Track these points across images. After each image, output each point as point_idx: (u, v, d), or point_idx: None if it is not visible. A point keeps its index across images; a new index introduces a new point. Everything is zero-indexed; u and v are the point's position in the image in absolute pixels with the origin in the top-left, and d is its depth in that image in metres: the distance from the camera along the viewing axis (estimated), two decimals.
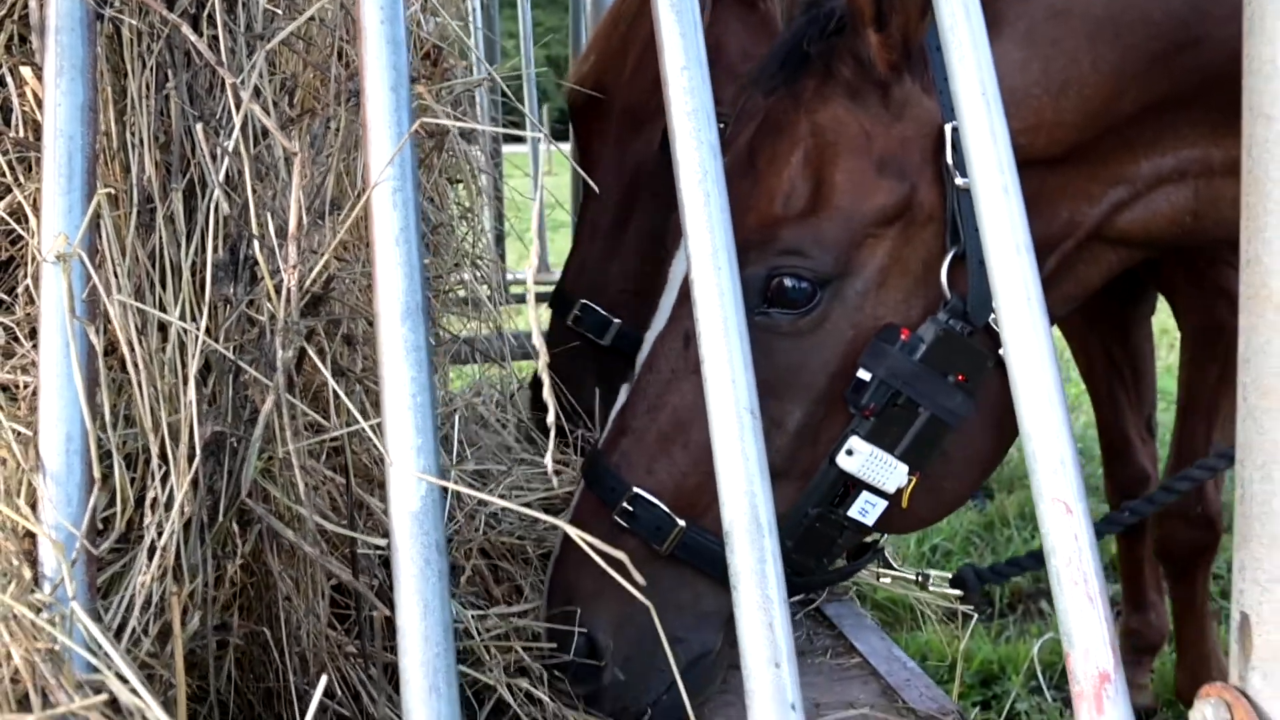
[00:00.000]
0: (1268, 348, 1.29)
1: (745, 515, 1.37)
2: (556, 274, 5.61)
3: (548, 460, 1.39)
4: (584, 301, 2.86)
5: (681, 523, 1.86)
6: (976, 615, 2.73)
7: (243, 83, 1.49)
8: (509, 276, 4.73)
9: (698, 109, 1.45)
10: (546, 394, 1.31)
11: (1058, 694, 4.05)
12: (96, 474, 1.26)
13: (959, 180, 1.75)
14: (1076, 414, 6.86)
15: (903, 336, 1.80)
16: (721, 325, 1.41)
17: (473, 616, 2.05)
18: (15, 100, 1.48)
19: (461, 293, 3.07)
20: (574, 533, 1.28)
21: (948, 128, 1.75)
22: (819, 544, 1.91)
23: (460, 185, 2.85)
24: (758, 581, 1.35)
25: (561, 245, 6.65)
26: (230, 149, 1.47)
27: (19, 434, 1.35)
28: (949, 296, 1.81)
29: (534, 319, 1.41)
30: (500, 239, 4.64)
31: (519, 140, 5.21)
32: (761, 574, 1.35)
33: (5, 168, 1.48)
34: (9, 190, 1.49)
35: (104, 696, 1.16)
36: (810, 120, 1.84)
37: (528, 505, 2.41)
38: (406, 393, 1.35)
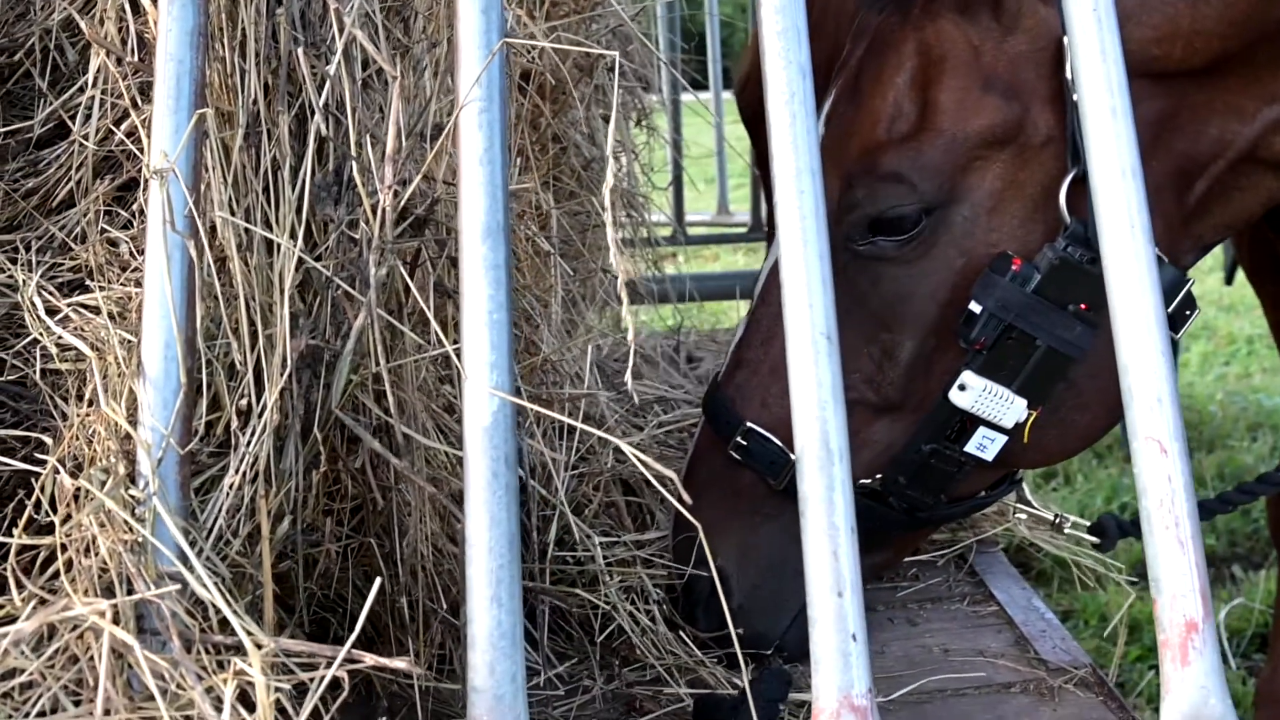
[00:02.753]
0: None
1: (816, 440, 1.35)
2: (737, 216, 5.62)
3: (627, 378, 1.40)
4: None
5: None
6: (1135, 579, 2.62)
7: (348, 8, 1.53)
8: (687, 218, 4.74)
9: (788, 28, 1.42)
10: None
11: (1243, 662, 3.85)
12: (182, 378, 1.33)
13: (1077, 96, 1.64)
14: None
15: (1014, 266, 1.70)
16: (801, 248, 1.38)
17: (600, 544, 2.07)
18: (133, 27, 1.56)
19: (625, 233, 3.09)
20: (636, 457, 1.28)
21: (1067, 40, 1.64)
22: (936, 480, 1.84)
23: (610, 123, 2.84)
24: (825, 509, 1.33)
25: (741, 194, 6.64)
26: (332, 74, 1.52)
27: (124, 340, 1.43)
28: (1069, 222, 1.70)
29: (616, 257, 1.42)
30: (679, 182, 4.65)
31: (704, 86, 5.18)
32: (829, 501, 1.33)
33: (126, 93, 1.56)
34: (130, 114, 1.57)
35: (176, 586, 1.23)
36: (916, 38, 1.75)
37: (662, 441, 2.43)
38: (484, 310, 1.37)
